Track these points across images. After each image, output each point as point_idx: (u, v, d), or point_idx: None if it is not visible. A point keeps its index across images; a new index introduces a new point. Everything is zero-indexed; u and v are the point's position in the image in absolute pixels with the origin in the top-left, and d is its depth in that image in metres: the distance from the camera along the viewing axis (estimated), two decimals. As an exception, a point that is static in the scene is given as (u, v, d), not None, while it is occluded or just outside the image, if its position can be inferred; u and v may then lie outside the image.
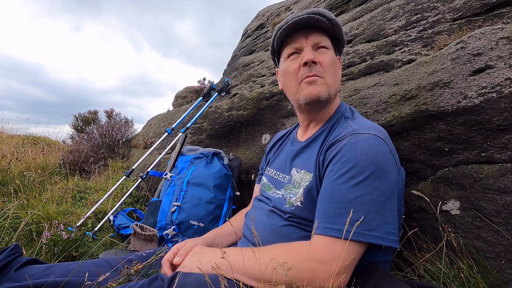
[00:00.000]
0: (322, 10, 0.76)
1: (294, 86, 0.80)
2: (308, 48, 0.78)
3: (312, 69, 0.76)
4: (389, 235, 0.57)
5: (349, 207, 0.58)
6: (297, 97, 0.80)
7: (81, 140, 3.30)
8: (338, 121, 0.79)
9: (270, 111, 1.80)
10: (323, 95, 0.76)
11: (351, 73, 1.50)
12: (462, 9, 1.31)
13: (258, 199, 0.90)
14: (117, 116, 4.53)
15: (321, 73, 0.76)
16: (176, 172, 1.60)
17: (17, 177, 2.02)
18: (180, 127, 2.20)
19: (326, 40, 0.79)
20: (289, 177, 0.81)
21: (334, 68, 0.79)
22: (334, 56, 0.81)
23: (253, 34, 3.50)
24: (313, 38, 0.78)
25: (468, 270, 0.82)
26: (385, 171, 0.61)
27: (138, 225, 1.34)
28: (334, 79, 0.79)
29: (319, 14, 0.75)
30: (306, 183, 0.72)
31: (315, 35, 0.78)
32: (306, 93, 0.77)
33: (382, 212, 0.58)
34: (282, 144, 0.98)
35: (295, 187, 0.76)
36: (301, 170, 0.77)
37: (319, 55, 0.77)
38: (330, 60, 0.78)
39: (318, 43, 0.78)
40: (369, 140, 0.64)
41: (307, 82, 0.76)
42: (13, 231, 1.27)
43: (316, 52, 0.78)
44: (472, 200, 0.88)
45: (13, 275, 0.67)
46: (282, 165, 0.87)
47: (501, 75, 0.87)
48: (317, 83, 0.76)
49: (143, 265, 0.73)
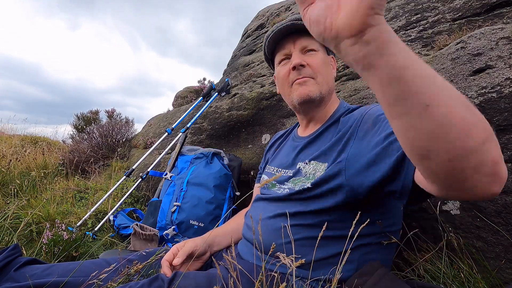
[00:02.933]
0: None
1: (287, 89, 0.84)
2: (296, 52, 0.81)
3: (301, 72, 0.79)
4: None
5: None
6: (291, 98, 0.83)
7: (82, 140, 3.30)
8: (345, 113, 0.80)
9: (270, 111, 1.80)
10: (314, 94, 0.79)
11: (351, 73, 1.49)
12: (462, 9, 1.31)
13: (259, 198, 0.90)
14: (118, 116, 4.54)
15: (311, 74, 0.79)
16: (176, 172, 1.60)
17: (17, 177, 2.02)
18: (180, 127, 2.20)
19: (314, 43, 0.81)
20: (295, 171, 0.80)
21: (325, 68, 0.81)
22: (324, 56, 0.83)
23: (253, 34, 3.50)
24: (300, 42, 0.81)
25: (468, 270, 0.82)
26: None
27: (138, 225, 1.34)
28: (326, 78, 0.81)
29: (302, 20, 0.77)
30: (321, 172, 0.71)
31: (302, 39, 0.80)
32: (297, 93, 0.80)
33: None
34: (282, 142, 0.98)
35: (308, 179, 0.74)
36: (311, 162, 0.75)
37: (307, 57, 0.80)
38: (319, 61, 0.80)
39: (306, 47, 0.81)
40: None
41: (298, 83, 0.80)
42: (13, 231, 1.27)
43: (305, 55, 0.81)
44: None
45: (13, 275, 0.67)
46: (284, 161, 0.86)
47: (501, 75, 0.87)
48: (308, 83, 0.79)
49: (143, 265, 0.73)
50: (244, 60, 2.99)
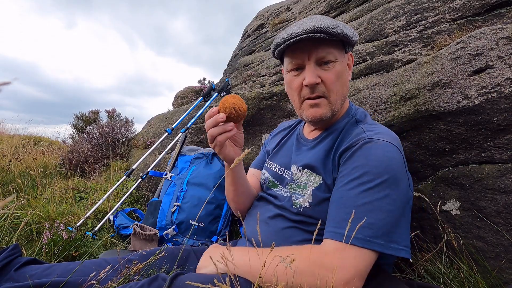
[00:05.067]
0: (324, 25, 0.66)
1: (297, 102, 0.78)
2: (311, 66, 0.71)
3: (315, 90, 0.72)
4: (394, 243, 0.57)
5: (360, 212, 0.57)
6: (300, 113, 0.79)
7: (81, 140, 3.30)
8: (348, 125, 0.77)
9: (270, 111, 1.80)
10: (326, 115, 0.74)
11: (351, 73, 1.50)
12: (462, 9, 1.31)
13: (261, 196, 0.89)
14: (118, 116, 4.54)
15: (325, 92, 0.72)
16: (176, 172, 1.60)
17: (17, 177, 2.02)
18: (180, 127, 2.20)
19: (331, 52, 0.70)
20: (290, 172, 0.81)
21: (341, 81, 0.73)
22: (342, 65, 0.73)
23: (253, 34, 3.50)
24: (316, 53, 0.70)
25: (468, 270, 0.82)
26: (398, 179, 0.61)
27: (138, 225, 1.34)
28: (341, 92, 0.74)
29: (321, 32, 0.66)
30: (314, 184, 0.72)
31: (319, 50, 0.70)
32: (308, 114, 0.75)
33: (392, 220, 0.58)
34: (286, 137, 0.96)
35: (300, 187, 0.75)
36: (305, 170, 0.76)
37: (323, 72, 0.71)
38: (335, 76, 0.71)
39: (322, 58, 0.70)
40: (383, 147, 0.64)
41: (309, 104, 0.74)
42: (13, 231, 1.27)
43: (320, 68, 0.71)
44: (472, 200, 0.88)
45: (13, 275, 0.67)
46: (285, 160, 0.87)
47: (501, 75, 0.87)
48: (320, 105, 0.73)
49: (143, 265, 0.73)
50: (244, 60, 2.99)
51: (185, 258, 0.86)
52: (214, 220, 1.42)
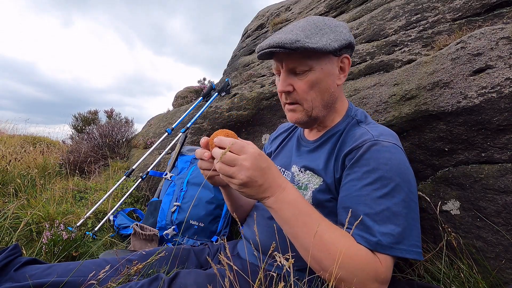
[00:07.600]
0: (283, 40, 0.66)
1: (282, 104, 0.81)
2: (284, 75, 0.72)
3: (288, 97, 0.75)
4: (414, 247, 0.58)
5: (381, 219, 0.58)
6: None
7: (81, 140, 3.30)
8: (349, 126, 0.77)
9: (270, 111, 1.80)
10: (303, 120, 0.76)
11: (351, 73, 1.49)
12: (462, 9, 1.31)
13: None
14: (117, 116, 4.53)
15: (298, 100, 0.73)
16: (176, 172, 1.60)
17: (17, 177, 2.02)
18: (180, 127, 2.20)
19: (302, 63, 0.70)
20: (290, 173, 0.81)
21: (317, 88, 0.72)
22: (321, 73, 0.71)
23: (253, 34, 3.50)
24: (287, 63, 0.71)
25: (468, 270, 0.82)
26: (409, 181, 0.62)
27: (138, 225, 1.34)
28: (319, 100, 0.74)
29: (279, 47, 0.67)
30: (315, 186, 0.72)
31: (289, 61, 0.70)
32: (288, 117, 0.79)
33: (408, 224, 0.58)
34: (286, 138, 0.97)
35: (300, 188, 0.75)
36: (306, 171, 0.76)
37: (296, 81, 0.72)
38: (308, 85, 0.71)
39: (293, 69, 0.71)
40: (390, 149, 0.64)
41: (287, 109, 0.78)
42: (13, 231, 1.27)
43: (295, 76, 0.72)
44: (472, 200, 0.88)
45: (13, 275, 0.67)
46: (285, 161, 0.87)
47: (501, 75, 0.87)
48: (296, 110, 0.76)
49: (143, 265, 0.73)
50: (244, 60, 2.99)
51: (185, 258, 0.87)
52: (214, 220, 1.42)
